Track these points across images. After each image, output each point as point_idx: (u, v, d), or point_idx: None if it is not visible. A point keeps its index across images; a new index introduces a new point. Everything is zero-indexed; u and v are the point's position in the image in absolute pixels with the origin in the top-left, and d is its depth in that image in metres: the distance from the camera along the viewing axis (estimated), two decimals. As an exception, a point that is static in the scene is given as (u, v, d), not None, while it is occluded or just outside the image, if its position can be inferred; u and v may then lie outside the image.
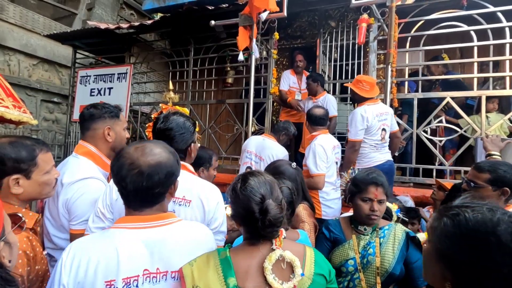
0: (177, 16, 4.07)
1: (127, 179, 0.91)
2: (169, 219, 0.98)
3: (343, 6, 3.57)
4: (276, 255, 0.93)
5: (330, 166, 2.54)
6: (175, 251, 0.94)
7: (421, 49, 3.28)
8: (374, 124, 2.62)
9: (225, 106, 4.21)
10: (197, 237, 1.01)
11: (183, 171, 1.22)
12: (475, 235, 0.65)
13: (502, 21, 3.00)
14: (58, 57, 6.27)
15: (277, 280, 0.91)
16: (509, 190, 1.43)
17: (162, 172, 0.94)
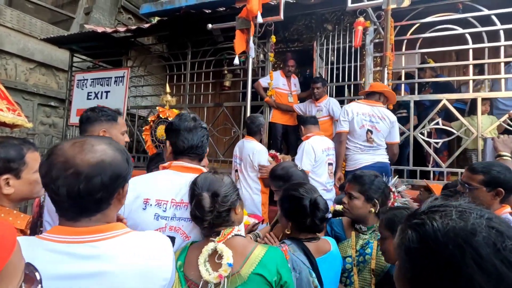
0: (174, 20, 4.09)
1: (59, 181, 0.72)
2: (109, 232, 0.76)
3: (339, 10, 3.60)
4: (209, 248, 1.01)
5: (318, 165, 2.58)
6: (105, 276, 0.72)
7: (417, 52, 3.30)
8: (358, 121, 2.61)
9: (223, 109, 4.21)
10: (141, 267, 0.74)
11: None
12: (446, 251, 0.49)
13: (496, 24, 3.03)
14: (55, 61, 6.27)
15: (208, 270, 0.97)
16: (503, 191, 1.43)
17: (106, 174, 0.75)
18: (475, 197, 1.46)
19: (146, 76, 4.96)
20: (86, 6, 7.23)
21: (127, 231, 0.80)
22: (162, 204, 1.14)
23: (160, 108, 3.07)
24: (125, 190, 0.83)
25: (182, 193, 1.16)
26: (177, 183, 1.18)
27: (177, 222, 1.14)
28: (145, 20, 6.85)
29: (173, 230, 1.13)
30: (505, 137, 1.90)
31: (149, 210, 1.13)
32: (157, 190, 1.16)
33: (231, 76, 4.90)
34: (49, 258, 0.70)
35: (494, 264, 0.46)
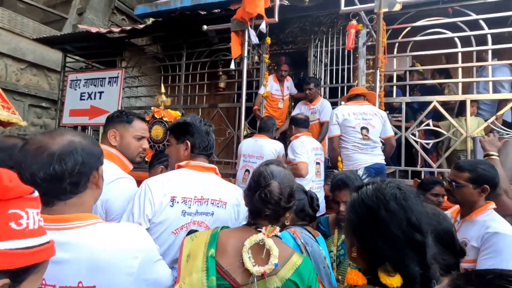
0: (169, 21, 4.09)
1: (34, 166, 0.75)
2: (78, 221, 0.78)
3: (333, 13, 3.66)
4: (258, 238, 0.98)
5: (308, 163, 2.61)
6: (69, 264, 0.75)
7: (408, 54, 3.38)
8: (351, 121, 2.63)
9: (218, 110, 4.22)
10: (103, 253, 0.77)
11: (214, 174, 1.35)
12: (371, 201, 0.78)
13: (484, 29, 3.13)
14: (47, 62, 6.19)
15: (251, 260, 0.95)
16: (489, 187, 1.48)
17: (77, 152, 0.79)
18: (462, 194, 1.52)
19: (140, 77, 4.95)
20: (79, 6, 7.17)
21: (96, 221, 0.82)
22: (187, 201, 1.24)
23: (155, 108, 3.07)
24: (99, 172, 0.85)
25: (203, 191, 1.27)
26: (198, 181, 1.29)
27: (200, 217, 1.26)
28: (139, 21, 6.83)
29: (196, 225, 1.25)
30: (491, 137, 1.94)
31: (176, 207, 1.22)
32: (182, 188, 1.25)
33: (226, 77, 4.92)
34: None
35: (394, 207, 0.75)
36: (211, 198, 1.28)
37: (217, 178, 1.36)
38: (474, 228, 1.47)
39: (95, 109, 4.64)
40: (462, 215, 1.58)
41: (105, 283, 0.77)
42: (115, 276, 0.78)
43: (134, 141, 1.48)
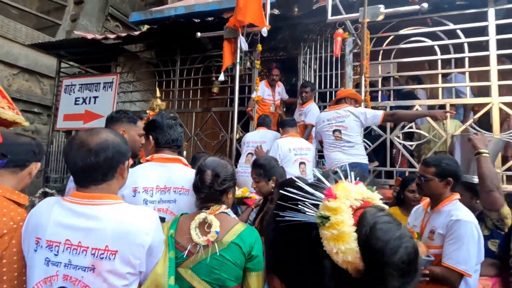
0: (164, 28, 4.22)
1: (77, 157, 0.98)
2: (106, 200, 1.01)
3: (321, 22, 3.84)
4: (201, 217, 1.21)
5: (285, 162, 2.78)
6: (99, 231, 0.96)
7: (392, 61, 3.58)
8: (325, 126, 2.89)
9: (211, 114, 4.34)
10: (125, 225, 0.99)
11: (179, 164, 1.46)
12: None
13: (461, 37, 3.35)
14: (40, 67, 6.21)
15: (197, 234, 1.18)
16: (452, 180, 1.62)
17: (109, 150, 1.00)
18: (429, 187, 1.66)
19: (135, 82, 5.04)
20: (73, 13, 7.23)
21: (120, 201, 1.05)
22: (148, 191, 1.36)
23: (151, 112, 3.16)
24: (125, 166, 1.08)
25: (165, 180, 1.39)
26: (161, 172, 1.41)
27: (164, 205, 1.37)
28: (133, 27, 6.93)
29: (162, 211, 1.35)
30: (480, 135, 1.96)
31: (138, 196, 1.35)
32: (143, 179, 1.37)
33: (219, 82, 5.05)
34: (60, 211, 1.00)
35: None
36: (173, 186, 1.40)
37: (181, 167, 1.47)
38: (440, 217, 1.61)
39: (90, 113, 4.70)
40: (431, 206, 1.72)
41: (125, 249, 0.96)
42: (132, 245, 0.97)
43: (138, 138, 1.68)
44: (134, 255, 0.97)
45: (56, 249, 0.96)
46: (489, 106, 3.18)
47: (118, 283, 0.95)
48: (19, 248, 1.04)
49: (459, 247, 1.48)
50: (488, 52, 3.25)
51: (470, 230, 1.49)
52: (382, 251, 0.39)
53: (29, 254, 1.00)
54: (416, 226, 1.79)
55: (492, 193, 1.69)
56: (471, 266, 1.48)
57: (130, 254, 0.97)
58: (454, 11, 3.41)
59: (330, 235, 0.41)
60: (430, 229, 1.64)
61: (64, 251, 0.95)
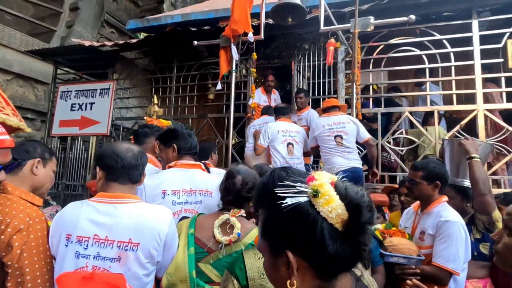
0: (161, 36, 4.30)
1: (126, 157, 1.20)
2: (127, 199, 1.19)
3: (314, 31, 3.97)
4: (224, 217, 1.30)
5: (275, 142, 3.13)
6: (123, 226, 1.13)
7: (383, 70, 3.72)
8: (325, 131, 2.98)
9: (207, 121, 4.41)
10: (144, 221, 1.16)
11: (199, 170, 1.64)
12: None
13: (447, 47, 3.51)
14: (34, 73, 6.20)
15: (220, 233, 1.27)
16: (439, 183, 1.71)
17: (144, 157, 1.27)
18: (419, 190, 1.74)
19: (132, 88, 5.08)
20: (69, 19, 7.26)
21: (140, 201, 1.24)
22: (176, 193, 1.52)
23: (148, 118, 3.21)
24: (144, 175, 1.30)
25: (191, 184, 1.55)
26: (186, 176, 1.58)
27: (190, 205, 1.52)
28: (129, 34, 6.98)
29: (188, 212, 1.51)
30: (470, 140, 2.01)
31: (167, 198, 1.51)
32: (171, 183, 1.54)
33: (215, 89, 5.13)
34: (88, 210, 1.16)
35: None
36: (199, 189, 1.56)
37: (202, 172, 1.65)
38: (430, 218, 1.70)
39: (86, 119, 4.71)
40: (421, 208, 1.81)
41: (146, 241, 1.13)
42: (151, 238, 1.14)
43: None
44: (153, 247, 1.13)
45: (86, 243, 1.11)
46: (474, 113, 3.32)
47: (140, 272, 1.12)
48: (38, 242, 1.14)
49: (448, 246, 1.55)
50: (473, 61, 3.40)
51: (458, 230, 1.57)
52: (356, 197, 0.59)
53: (60, 249, 1.13)
54: (407, 228, 1.87)
55: (485, 197, 1.74)
56: (459, 264, 1.55)
57: (150, 245, 1.13)
58: (441, 22, 3.57)
59: (323, 201, 0.58)
60: (420, 230, 1.72)
61: (93, 244, 1.10)
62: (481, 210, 1.78)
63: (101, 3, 7.68)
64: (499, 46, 3.38)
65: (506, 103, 3.33)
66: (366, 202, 0.59)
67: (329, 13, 3.26)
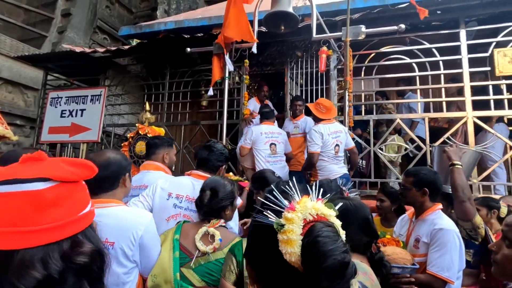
0: (154, 42, 4.28)
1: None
2: (109, 203, 1.29)
3: (307, 39, 4.01)
4: (202, 230, 1.41)
5: (258, 143, 3.34)
6: (106, 226, 1.22)
7: (374, 77, 3.77)
8: (329, 140, 3.02)
9: (200, 127, 4.38)
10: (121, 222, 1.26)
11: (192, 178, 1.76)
12: None
13: (436, 56, 3.58)
14: (24, 79, 6.10)
15: (202, 245, 1.38)
16: (427, 190, 1.71)
17: (112, 165, 1.31)
18: (408, 196, 1.76)
19: (124, 95, 5.03)
20: (60, 25, 7.21)
21: (121, 205, 1.32)
22: (179, 198, 1.67)
23: (140, 125, 3.17)
24: (126, 177, 1.35)
25: (195, 193, 1.62)
26: (193, 185, 1.71)
27: (189, 213, 1.63)
28: (121, 40, 6.95)
29: (186, 217, 1.62)
30: (454, 147, 2.01)
31: (170, 200, 1.67)
32: (178, 188, 1.70)
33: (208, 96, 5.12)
34: None
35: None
36: None
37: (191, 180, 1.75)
38: (424, 226, 1.69)
39: (76, 126, 4.64)
40: (416, 215, 1.81)
41: (120, 240, 1.23)
42: (126, 237, 1.24)
43: (174, 157, 2.23)
44: (128, 246, 1.23)
45: None
46: (464, 120, 3.38)
47: (118, 269, 1.23)
48: None
49: (442, 255, 1.55)
50: (462, 69, 3.48)
51: (452, 238, 1.57)
52: (315, 258, 0.52)
53: None
54: (402, 235, 1.86)
55: (465, 204, 1.73)
56: (454, 273, 1.54)
57: (125, 244, 1.23)
58: (430, 32, 3.65)
59: (282, 239, 0.55)
60: (415, 237, 1.72)
61: None
62: (461, 217, 1.77)
63: (94, 10, 7.66)
64: (486, 55, 3.47)
65: (494, 111, 3.40)
66: (327, 269, 0.52)
67: (321, 21, 3.30)
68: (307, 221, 0.57)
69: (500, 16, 3.43)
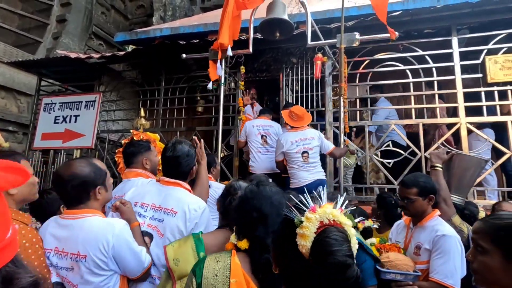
0: (149, 48, 4.28)
1: (56, 186, 1.36)
2: (82, 214, 1.30)
3: (302, 46, 4.05)
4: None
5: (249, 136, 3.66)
6: (73, 239, 1.25)
7: (369, 83, 3.80)
8: (293, 148, 3.11)
9: (195, 133, 4.36)
10: (92, 234, 1.25)
11: (178, 188, 1.58)
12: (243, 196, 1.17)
13: (430, 63, 3.63)
14: (18, 84, 6.05)
15: None
16: (433, 196, 1.72)
17: (75, 181, 1.28)
18: (415, 207, 1.72)
19: (118, 101, 5.00)
20: (55, 31, 7.19)
21: (94, 215, 1.31)
22: (144, 206, 1.55)
23: (134, 131, 3.13)
24: (97, 191, 1.33)
25: (161, 200, 1.53)
26: (160, 192, 1.57)
27: (154, 222, 1.50)
28: (117, 46, 6.95)
29: (150, 227, 1.49)
30: (440, 150, 2.09)
31: (135, 209, 1.54)
32: (144, 196, 1.58)
33: (204, 102, 5.12)
34: (53, 224, 1.34)
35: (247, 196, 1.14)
36: (165, 207, 1.52)
37: (178, 190, 1.58)
38: (425, 232, 1.68)
39: (70, 132, 4.59)
40: (414, 222, 1.80)
41: (91, 253, 1.22)
42: (96, 250, 1.22)
43: (156, 159, 2.08)
44: (99, 258, 1.23)
45: (48, 255, 1.26)
46: (457, 126, 3.41)
47: (93, 279, 1.22)
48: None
49: (445, 262, 1.53)
50: (454, 76, 3.53)
51: (454, 245, 1.57)
52: (320, 254, 0.65)
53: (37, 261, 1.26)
54: (399, 242, 1.84)
55: (439, 205, 1.78)
56: (457, 280, 1.53)
57: (96, 257, 1.22)
58: (422, 39, 3.71)
59: (299, 233, 0.68)
60: (415, 244, 1.70)
61: (54, 255, 1.26)
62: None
63: (90, 16, 7.66)
64: (478, 62, 3.52)
65: (487, 117, 3.44)
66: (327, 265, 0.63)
67: (316, 28, 3.33)
68: (323, 223, 0.68)
69: (490, 24, 3.50)
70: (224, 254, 1.08)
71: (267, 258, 0.99)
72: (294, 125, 3.21)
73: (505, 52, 3.44)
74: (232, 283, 0.99)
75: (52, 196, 1.85)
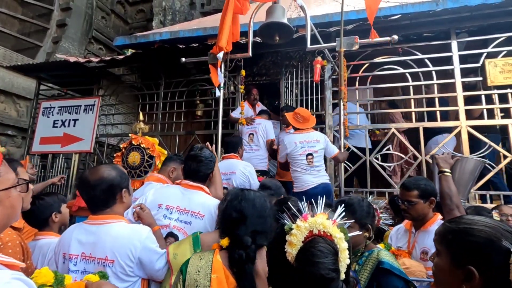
0: (148, 52, 4.28)
1: (83, 192, 1.35)
2: (108, 220, 1.32)
3: (301, 49, 4.05)
4: None
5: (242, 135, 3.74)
6: (101, 244, 1.27)
7: (368, 87, 3.79)
8: (297, 150, 3.04)
9: (194, 137, 4.34)
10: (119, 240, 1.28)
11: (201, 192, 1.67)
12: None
13: (429, 66, 3.63)
14: (17, 88, 6.04)
15: None
16: (434, 199, 1.70)
17: (103, 185, 1.32)
18: (416, 210, 1.70)
19: (117, 105, 4.99)
20: (55, 35, 7.20)
21: (119, 220, 1.34)
22: (169, 208, 1.62)
23: (133, 135, 3.12)
24: (123, 193, 1.37)
25: (186, 203, 1.61)
26: (182, 194, 1.66)
27: (180, 224, 1.57)
28: (117, 50, 6.95)
29: (175, 229, 1.57)
30: (445, 155, 1.99)
31: (160, 211, 1.61)
32: (168, 199, 1.64)
33: (203, 105, 5.11)
34: (79, 230, 1.35)
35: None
36: (191, 210, 1.60)
37: (201, 194, 1.67)
38: (430, 237, 1.63)
39: (68, 136, 4.56)
40: (415, 227, 1.77)
41: (119, 258, 1.25)
42: (124, 255, 1.26)
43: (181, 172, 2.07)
44: (126, 263, 1.26)
45: (75, 260, 1.29)
46: (458, 129, 3.40)
47: (119, 285, 1.24)
48: None
49: None
50: (454, 79, 3.52)
51: None
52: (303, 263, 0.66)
53: (59, 266, 1.33)
54: (401, 247, 1.81)
55: (452, 212, 1.68)
56: None
57: (124, 262, 1.25)
58: (422, 42, 3.71)
59: (288, 240, 0.69)
60: (421, 249, 1.67)
61: (81, 261, 1.29)
62: None
63: (90, 20, 7.68)
64: (478, 66, 3.52)
65: (487, 120, 3.43)
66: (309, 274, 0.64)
67: (316, 32, 3.33)
68: (312, 233, 0.69)
69: (489, 28, 3.51)
70: (207, 253, 1.19)
71: (240, 254, 1.09)
72: (300, 126, 3.14)
73: (504, 56, 3.44)
74: (213, 278, 1.09)
75: (44, 202, 1.80)
